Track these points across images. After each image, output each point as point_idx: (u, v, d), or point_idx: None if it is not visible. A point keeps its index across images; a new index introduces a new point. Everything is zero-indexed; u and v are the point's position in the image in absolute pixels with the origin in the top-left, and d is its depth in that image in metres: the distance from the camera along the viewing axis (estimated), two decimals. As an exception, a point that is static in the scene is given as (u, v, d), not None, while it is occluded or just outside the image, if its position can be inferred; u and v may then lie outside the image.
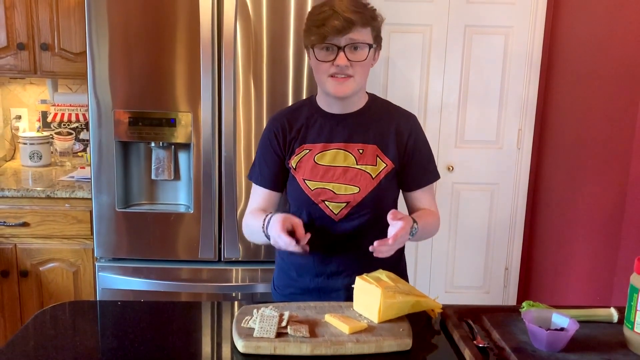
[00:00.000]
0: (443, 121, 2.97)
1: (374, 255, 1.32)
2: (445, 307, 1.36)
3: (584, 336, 1.25)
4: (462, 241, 3.11)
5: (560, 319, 1.22)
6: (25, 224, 2.45)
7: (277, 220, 1.37)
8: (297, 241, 1.35)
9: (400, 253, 1.63)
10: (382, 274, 1.34)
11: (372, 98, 1.58)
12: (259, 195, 1.59)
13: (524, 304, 1.35)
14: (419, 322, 1.35)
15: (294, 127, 1.54)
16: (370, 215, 1.50)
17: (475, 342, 1.22)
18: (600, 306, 1.38)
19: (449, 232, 3.09)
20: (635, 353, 1.20)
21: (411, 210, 1.60)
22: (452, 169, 3.01)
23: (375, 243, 1.30)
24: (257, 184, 1.59)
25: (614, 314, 1.34)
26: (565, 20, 2.76)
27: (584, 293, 2.48)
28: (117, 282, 2.32)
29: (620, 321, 1.30)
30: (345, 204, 1.49)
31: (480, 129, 2.99)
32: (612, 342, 1.24)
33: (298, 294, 1.58)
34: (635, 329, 1.19)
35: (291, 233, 1.37)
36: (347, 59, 1.40)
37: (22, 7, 2.59)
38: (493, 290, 3.17)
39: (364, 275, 1.32)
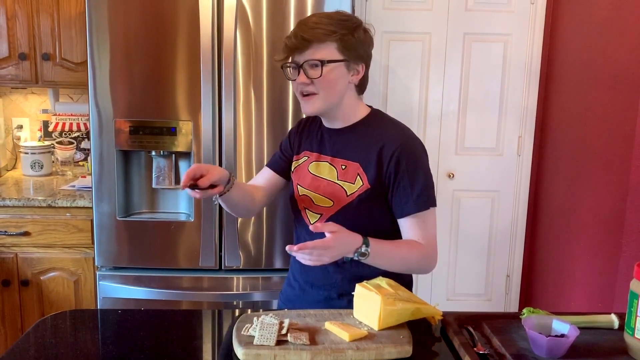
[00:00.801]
0: (443, 129, 2.98)
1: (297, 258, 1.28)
2: (445, 314, 1.36)
3: (584, 342, 1.24)
4: (463, 248, 3.11)
5: (561, 326, 1.22)
6: (26, 233, 2.46)
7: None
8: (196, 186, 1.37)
9: (407, 282, 1.61)
10: (382, 281, 1.34)
11: (371, 115, 1.53)
12: (261, 173, 1.68)
13: (524, 310, 1.35)
14: (419, 329, 1.34)
15: (304, 131, 1.61)
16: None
17: (475, 349, 1.22)
18: (601, 312, 1.38)
19: (450, 240, 3.09)
20: (635, 359, 1.20)
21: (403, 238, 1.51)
22: (453, 176, 3.02)
23: (295, 247, 1.24)
24: (266, 165, 1.69)
25: (614, 320, 1.34)
26: (564, 27, 2.77)
27: (586, 299, 2.48)
28: (118, 291, 2.32)
29: (621, 327, 1.30)
30: (319, 215, 1.50)
31: (480, 136, 3.00)
32: (613, 349, 1.24)
33: (299, 307, 1.58)
34: (635, 335, 1.19)
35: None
36: (308, 76, 1.41)
37: (23, 18, 2.61)
38: (494, 298, 3.16)
39: (364, 283, 1.32)
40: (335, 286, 1.52)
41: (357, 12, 2.51)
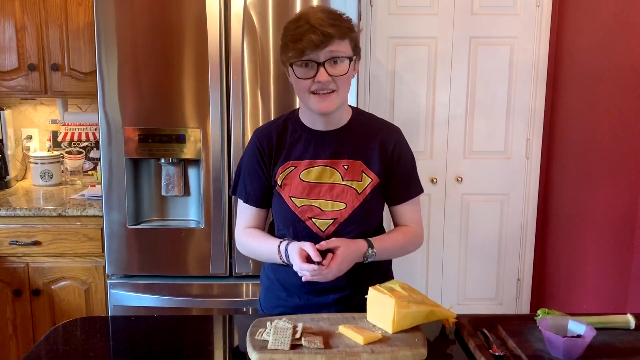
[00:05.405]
0: (451, 133, 2.97)
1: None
2: (459, 317, 1.36)
3: (600, 343, 1.24)
4: (473, 252, 3.09)
5: (577, 326, 1.21)
6: (37, 243, 2.47)
7: (295, 253, 1.37)
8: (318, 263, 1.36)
9: (387, 268, 1.62)
10: (395, 284, 1.33)
11: (356, 112, 1.55)
12: (248, 213, 1.56)
13: (539, 311, 1.34)
14: (434, 331, 1.34)
15: (279, 142, 1.51)
16: (358, 231, 1.47)
17: (491, 351, 1.21)
18: (616, 313, 1.37)
19: (460, 244, 3.08)
20: (653, 359, 1.19)
21: (395, 224, 1.58)
22: (461, 180, 3.01)
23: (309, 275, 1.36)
24: (244, 202, 1.55)
25: (630, 320, 1.33)
26: (570, 29, 2.77)
27: (598, 301, 2.46)
28: (129, 299, 2.32)
29: (637, 327, 1.29)
30: (332, 220, 1.47)
31: (488, 140, 2.99)
32: (630, 349, 1.23)
33: (288, 313, 1.51)
34: (653, 335, 1.18)
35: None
36: (328, 74, 1.36)
37: (32, 29, 2.64)
38: (505, 301, 3.14)
39: (377, 286, 1.32)
40: (355, 284, 1.51)
41: (362, 18, 2.52)
